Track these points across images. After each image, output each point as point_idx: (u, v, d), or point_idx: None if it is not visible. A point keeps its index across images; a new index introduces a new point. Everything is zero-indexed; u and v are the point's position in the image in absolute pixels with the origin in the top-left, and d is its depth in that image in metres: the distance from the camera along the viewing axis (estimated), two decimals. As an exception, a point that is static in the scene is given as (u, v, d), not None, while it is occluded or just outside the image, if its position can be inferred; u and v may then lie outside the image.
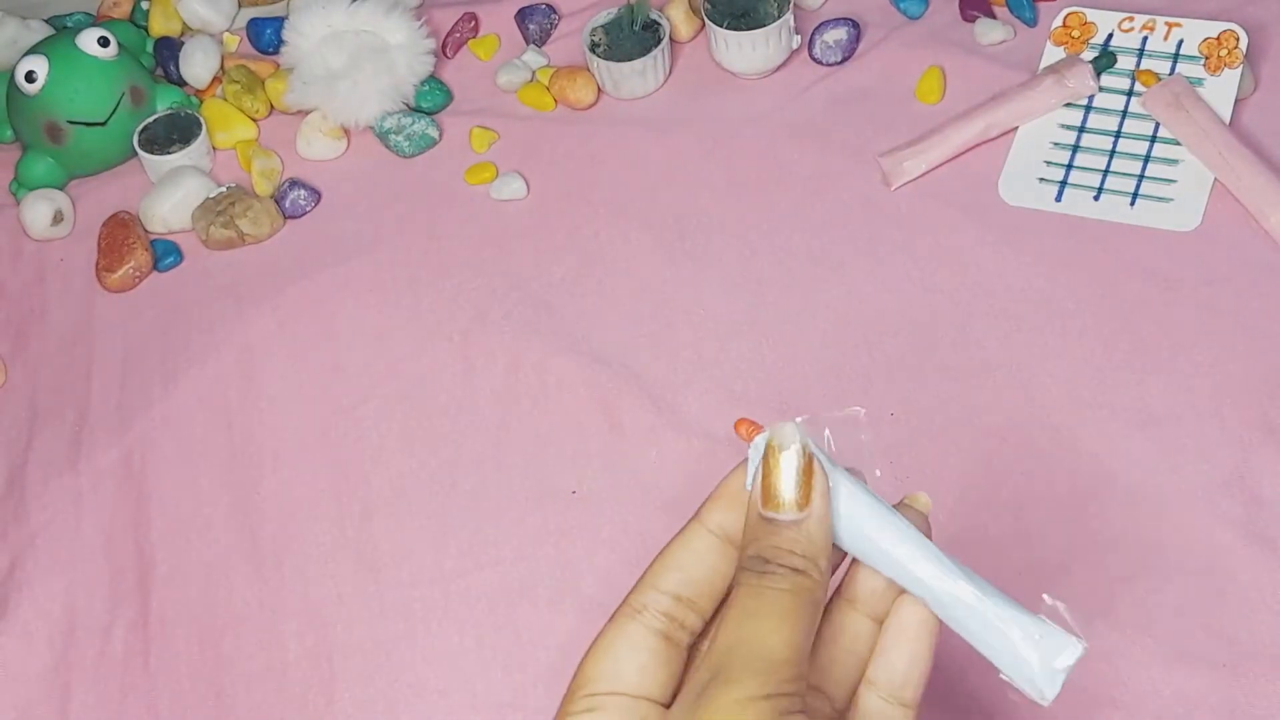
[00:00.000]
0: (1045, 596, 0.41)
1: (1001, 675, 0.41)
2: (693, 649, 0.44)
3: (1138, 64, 0.88)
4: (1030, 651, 0.41)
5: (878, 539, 0.42)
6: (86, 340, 0.88)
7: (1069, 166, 0.85)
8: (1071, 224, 0.83)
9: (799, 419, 0.41)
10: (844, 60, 0.93)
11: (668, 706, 0.42)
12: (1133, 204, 0.83)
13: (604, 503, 0.76)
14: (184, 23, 1.03)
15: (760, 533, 0.42)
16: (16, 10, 1.03)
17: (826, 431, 0.42)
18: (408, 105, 0.95)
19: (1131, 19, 0.89)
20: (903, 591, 0.42)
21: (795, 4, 0.92)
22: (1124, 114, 0.87)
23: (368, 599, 0.75)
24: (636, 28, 0.93)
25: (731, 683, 0.39)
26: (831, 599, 0.45)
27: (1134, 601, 0.68)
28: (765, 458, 0.41)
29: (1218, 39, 0.86)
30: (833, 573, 0.43)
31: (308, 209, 0.92)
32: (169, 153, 0.94)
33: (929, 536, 0.42)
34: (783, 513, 0.41)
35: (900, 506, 0.43)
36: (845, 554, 0.43)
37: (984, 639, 0.41)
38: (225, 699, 0.72)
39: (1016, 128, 0.87)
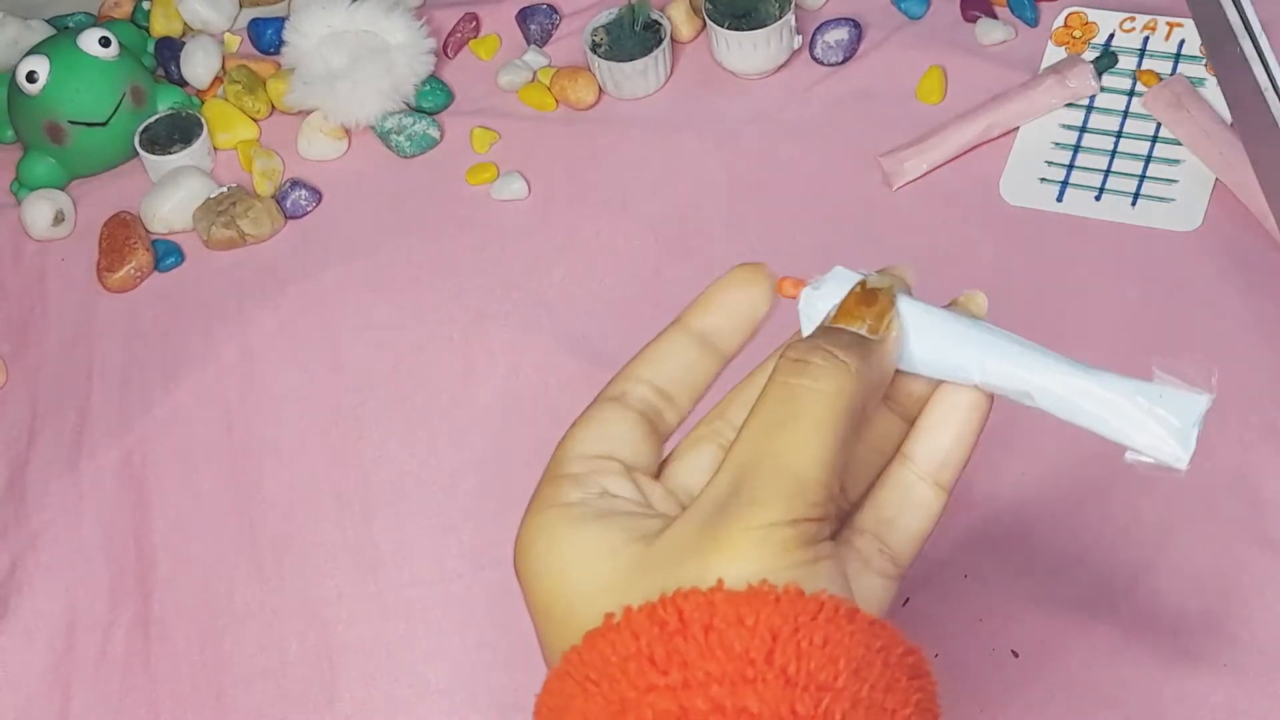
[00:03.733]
0: (1155, 368, 0.39)
1: (1130, 457, 0.38)
2: (688, 436, 0.42)
3: (1139, 64, 0.88)
4: (1156, 418, 0.38)
5: (961, 352, 0.39)
6: (87, 340, 0.88)
7: (1070, 167, 0.85)
8: (1073, 224, 0.83)
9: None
10: (845, 60, 0.93)
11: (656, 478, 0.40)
12: (1134, 204, 0.83)
13: (604, 503, 0.76)
14: (185, 23, 1.03)
15: (816, 335, 0.38)
16: (17, 10, 1.03)
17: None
18: (408, 105, 0.94)
19: (1133, 19, 0.89)
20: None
21: (796, 4, 0.92)
22: (1125, 114, 0.87)
23: (368, 599, 0.75)
24: (637, 28, 0.93)
25: (755, 504, 0.35)
26: None
27: (1134, 601, 0.68)
28: (853, 289, 0.39)
29: (1219, 39, 0.86)
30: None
31: (309, 209, 0.92)
32: (170, 153, 0.94)
33: None
34: (852, 327, 0.38)
35: (955, 305, 0.41)
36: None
37: (1104, 420, 0.39)
38: (225, 699, 0.72)
39: (1018, 128, 0.87)
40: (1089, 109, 0.87)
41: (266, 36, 1.01)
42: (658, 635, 0.33)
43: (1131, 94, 0.87)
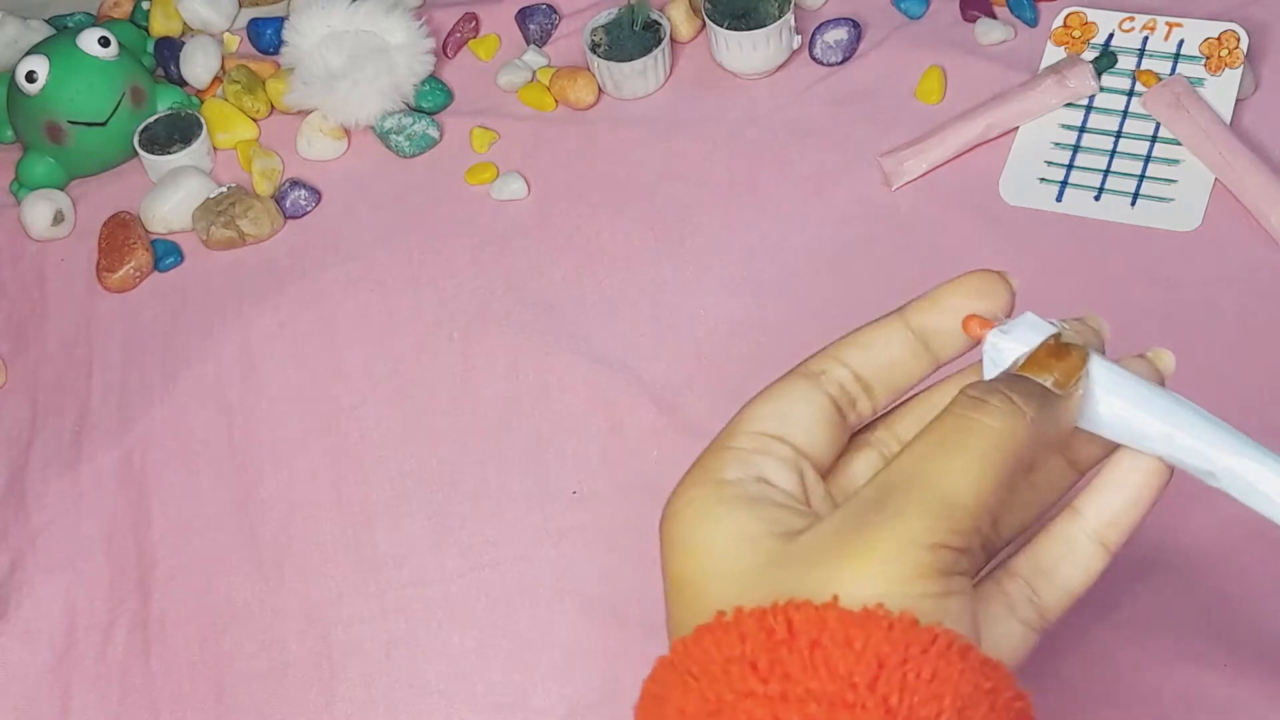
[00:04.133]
0: None
1: None
2: (854, 439, 0.41)
3: (1138, 64, 0.88)
4: None
5: (1148, 421, 0.39)
6: (87, 340, 0.88)
7: (1070, 166, 0.85)
8: (1072, 224, 0.83)
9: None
10: (844, 60, 0.93)
11: (824, 477, 0.39)
12: (1133, 204, 0.83)
13: (604, 503, 0.76)
14: (184, 23, 1.03)
15: (1005, 379, 0.38)
16: (17, 10, 1.03)
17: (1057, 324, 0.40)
18: (408, 105, 0.94)
19: (1132, 19, 0.89)
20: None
21: (796, 4, 0.92)
22: (1125, 114, 0.87)
23: (368, 599, 0.75)
24: (637, 28, 0.93)
25: (900, 517, 0.34)
26: None
27: (1134, 602, 0.68)
28: (1046, 340, 0.38)
29: (1219, 39, 0.86)
30: None
31: (308, 209, 0.92)
32: (169, 153, 0.94)
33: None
34: (1039, 378, 0.37)
35: (1143, 360, 0.41)
36: None
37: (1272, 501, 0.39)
38: (225, 699, 0.72)
39: (1017, 128, 0.87)
40: (1088, 109, 0.87)
41: (266, 36, 1.01)
42: (764, 642, 0.33)
43: (1131, 94, 0.87)
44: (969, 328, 0.40)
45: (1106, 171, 0.85)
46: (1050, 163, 0.86)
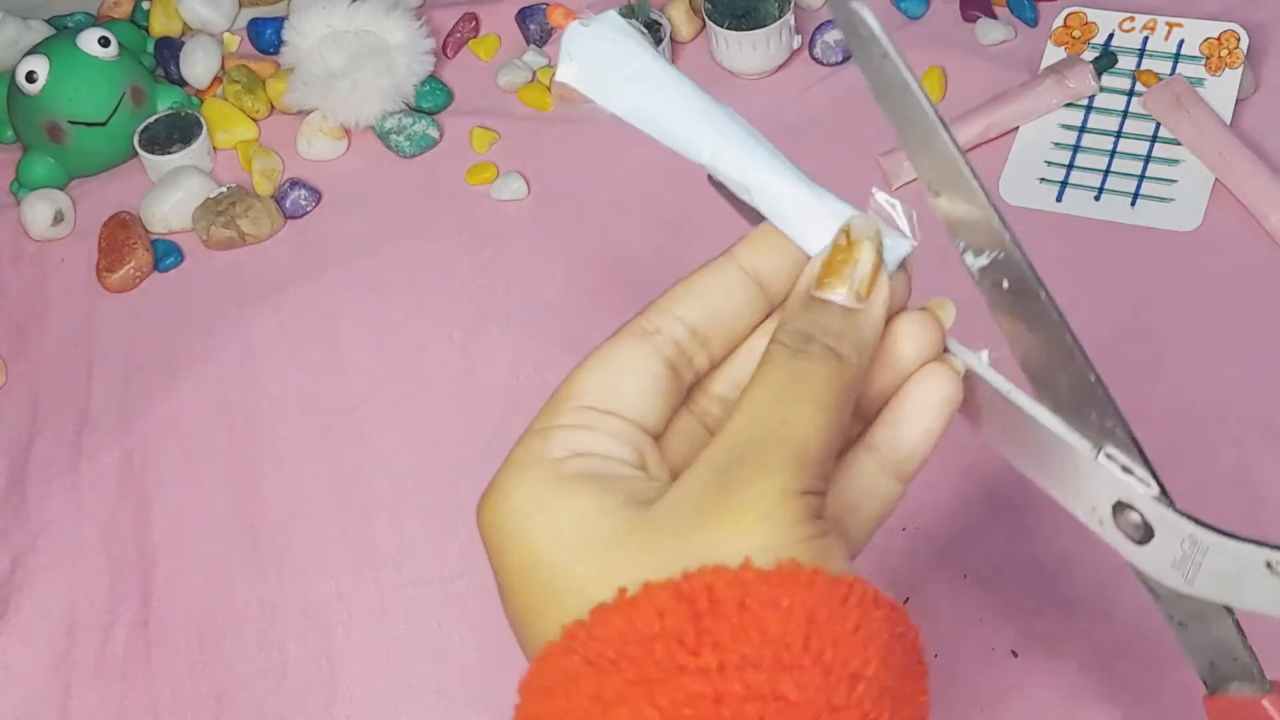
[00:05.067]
0: (873, 196, 0.39)
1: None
2: (689, 392, 0.39)
3: (1138, 64, 0.88)
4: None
5: (701, 130, 0.39)
6: (87, 340, 0.88)
7: (1070, 167, 0.85)
8: (1072, 224, 0.83)
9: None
10: (845, 60, 0.93)
11: (657, 440, 0.38)
12: (1133, 204, 0.83)
13: (604, 503, 0.76)
14: (184, 23, 1.03)
15: (806, 309, 0.37)
16: (17, 10, 1.03)
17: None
18: (408, 105, 0.94)
19: (1132, 19, 0.89)
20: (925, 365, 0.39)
21: (796, 4, 0.92)
22: (1125, 114, 0.87)
23: (368, 599, 0.75)
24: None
25: (766, 471, 0.34)
26: None
27: (1135, 601, 0.68)
28: (836, 239, 0.38)
29: (1218, 39, 0.86)
30: None
31: (308, 209, 0.92)
32: (169, 153, 0.94)
33: (942, 345, 0.39)
34: (838, 295, 0.37)
35: (926, 310, 0.40)
36: None
37: (801, 232, 0.39)
38: (225, 699, 0.72)
39: (1017, 128, 0.87)
40: (1088, 109, 0.87)
41: (266, 36, 1.01)
42: (686, 614, 0.32)
43: (1131, 94, 0.87)
44: (552, 16, 0.41)
45: (1107, 172, 0.85)
46: (1050, 163, 0.86)
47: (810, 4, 0.96)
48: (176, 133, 0.95)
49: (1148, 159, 0.85)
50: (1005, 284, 0.40)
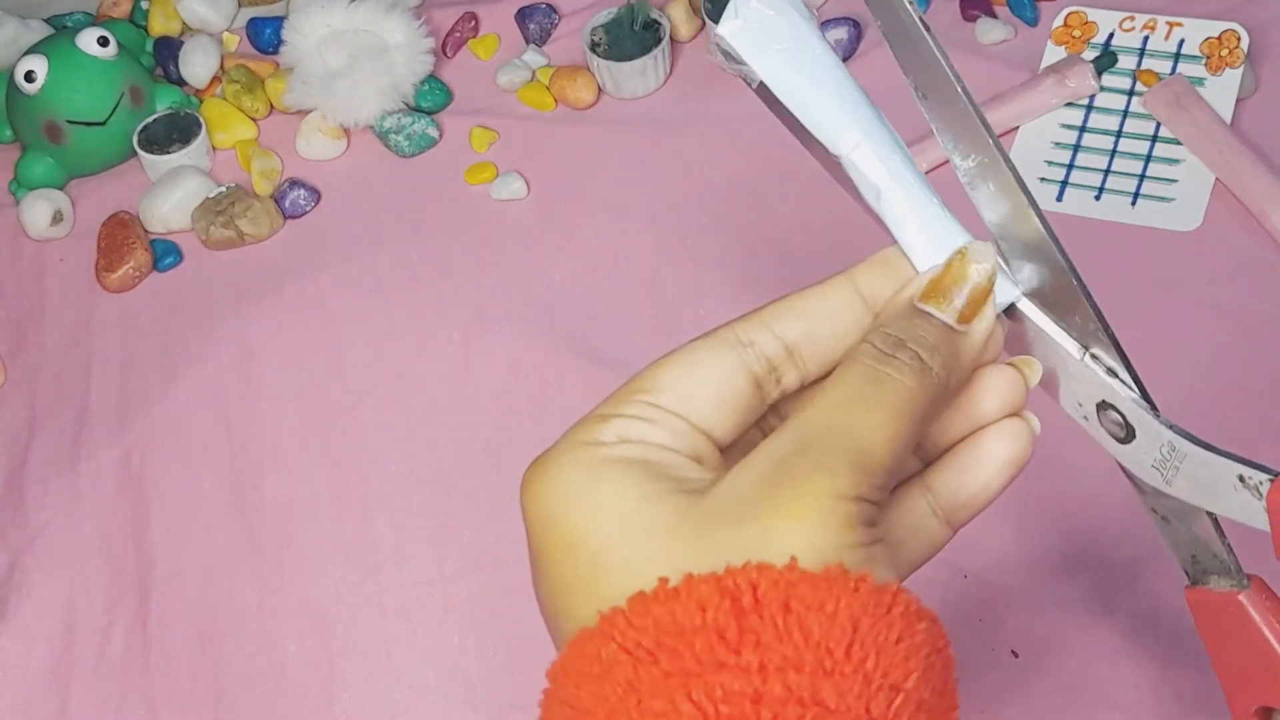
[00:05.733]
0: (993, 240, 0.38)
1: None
2: (771, 408, 0.38)
3: (1139, 64, 0.88)
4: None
5: (847, 125, 0.39)
6: (86, 340, 0.88)
7: (1070, 166, 0.85)
8: (1073, 224, 0.83)
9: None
10: (844, 60, 0.93)
11: (723, 452, 0.37)
12: (1134, 204, 0.83)
13: (604, 503, 0.76)
14: (184, 22, 1.03)
15: (905, 317, 0.37)
16: (16, 10, 1.03)
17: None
18: (407, 105, 0.94)
19: (1133, 18, 0.89)
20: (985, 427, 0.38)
21: (796, 4, 0.92)
22: (1125, 114, 0.87)
23: (368, 599, 0.75)
24: (637, 27, 0.93)
25: (825, 470, 0.33)
26: None
27: (1135, 601, 0.68)
28: (952, 258, 0.38)
29: (1219, 38, 0.86)
30: None
31: (307, 209, 0.92)
32: (169, 152, 0.94)
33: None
34: (943, 312, 0.36)
35: (1010, 365, 0.40)
36: None
37: (922, 256, 0.38)
38: (225, 699, 0.72)
39: (1017, 127, 0.87)
40: (1088, 109, 0.87)
41: (265, 36, 1.01)
42: (729, 610, 0.31)
43: (1131, 94, 0.87)
44: None
45: (1107, 171, 0.85)
46: (1050, 162, 0.86)
47: (810, 4, 0.96)
48: (176, 132, 0.95)
49: (1148, 159, 0.85)
50: (991, 186, 0.40)
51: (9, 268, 0.93)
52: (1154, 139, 0.85)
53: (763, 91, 0.40)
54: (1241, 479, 0.38)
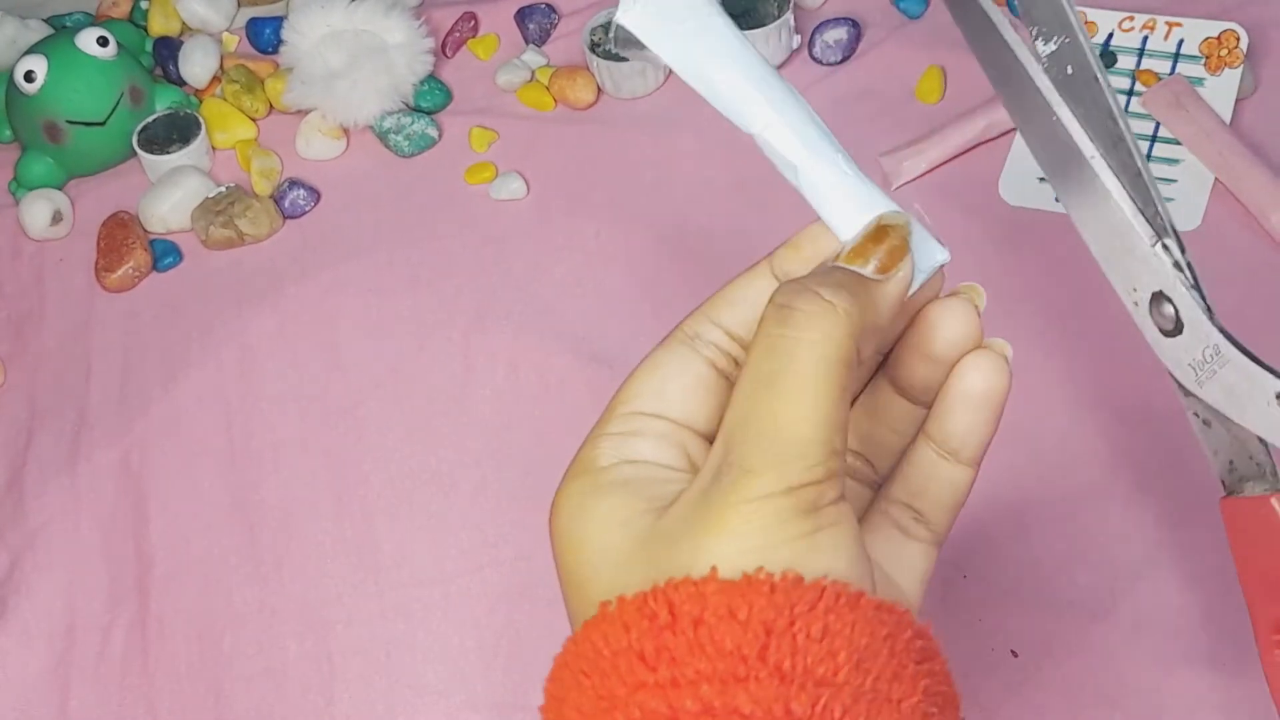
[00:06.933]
0: (917, 207, 0.39)
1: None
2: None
3: (1138, 63, 0.88)
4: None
5: (755, 106, 0.38)
6: (85, 340, 0.88)
7: (1069, 166, 0.85)
8: (1072, 224, 0.83)
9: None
10: (844, 60, 0.93)
11: (710, 441, 0.37)
12: (1133, 204, 0.83)
13: (604, 503, 0.76)
14: (183, 22, 1.03)
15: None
16: (15, 10, 1.03)
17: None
18: (407, 105, 0.94)
19: (1132, 18, 0.89)
20: (966, 358, 0.39)
21: (795, 3, 0.92)
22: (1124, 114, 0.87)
23: (368, 599, 0.75)
24: (636, 27, 0.93)
25: (747, 474, 0.33)
26: (874, 377, 0.41)
27: (1135, 601, 0.68)
28: (869, 225, 0.38)
29: (1218, 38, 0.86)
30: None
31: (307, 209, 0.92)
32: (168, 152, 0.94)
33: (979, 331, 0.39)
34: (857, 266, 0.36)
35: (956, 295, 0.40)
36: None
37: (841, 220, 0.38)
38: (225, 699, 0.72)
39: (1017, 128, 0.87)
40: (1088, 109, 0.87)
41: (265, 36, 1.01)
42: (647, 629, 0.32)
43: (1130, 94, 0.87)
44: None
45: (1106, 171, 0.85)
46: (1050, 162, 0.86)
47: (809, 4, 0.96)
48: (175, 132, 0.95)
49: (1147, 159, 0.85)
50: (1070, 69, 0.42)
51: (8, 268, 0.93)
52: (1153, 139, 0.85)
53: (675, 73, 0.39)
54: (1279, 396, 0.39)
